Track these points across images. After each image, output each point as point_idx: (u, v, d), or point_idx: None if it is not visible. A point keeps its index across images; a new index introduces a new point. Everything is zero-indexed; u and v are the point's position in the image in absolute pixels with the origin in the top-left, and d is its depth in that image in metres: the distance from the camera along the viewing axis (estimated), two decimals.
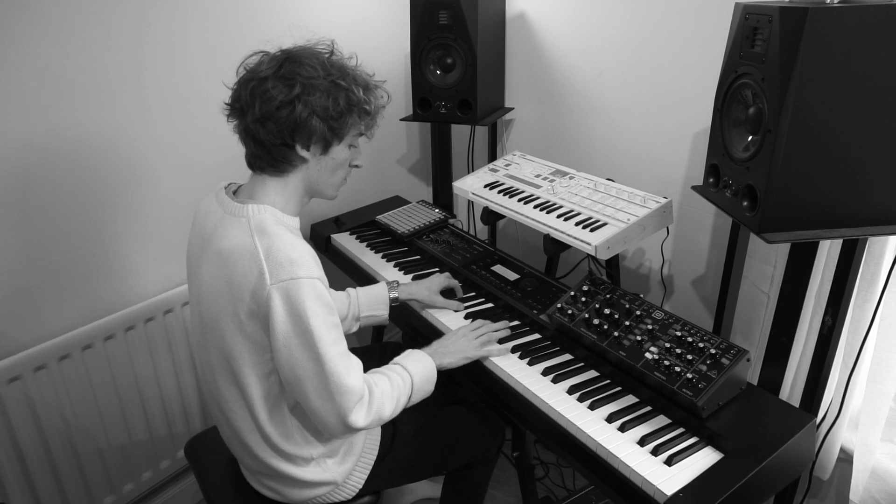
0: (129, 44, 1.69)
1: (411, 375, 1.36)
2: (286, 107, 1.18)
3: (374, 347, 1.99)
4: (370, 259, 2.00)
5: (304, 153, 1.24)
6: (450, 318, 1.68)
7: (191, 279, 1.36)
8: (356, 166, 1.35)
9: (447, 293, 1.76)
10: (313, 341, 1.17)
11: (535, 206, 1.84)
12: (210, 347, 1.28)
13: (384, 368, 1.37)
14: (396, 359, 1.41)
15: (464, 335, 1.52)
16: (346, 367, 1.21)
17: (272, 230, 1.20)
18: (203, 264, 1.26)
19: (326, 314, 1.19)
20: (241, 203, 1.25)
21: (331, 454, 1.37)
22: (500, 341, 1.56)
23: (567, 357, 1.53)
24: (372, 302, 1.65)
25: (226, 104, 1.26)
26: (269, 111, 1.18)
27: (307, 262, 1.18)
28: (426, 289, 1.71)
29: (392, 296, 1.68)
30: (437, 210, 2.21)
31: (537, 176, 2.01)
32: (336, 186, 1.35)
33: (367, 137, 1.35)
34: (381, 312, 1.66)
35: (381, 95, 1.31)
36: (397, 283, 1.73)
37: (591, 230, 1.67)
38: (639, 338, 1.41)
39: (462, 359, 1.48)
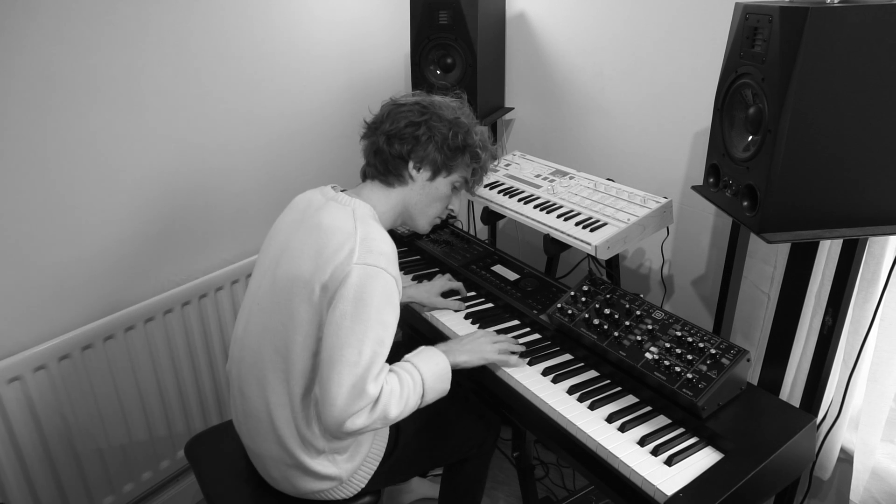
0: (124, 44, 1.69)
1: (422, 374, 1.33)
2: (411, 126, 1.37)
3: None
4: None
5: (413, 172, 1.40)
6: (451, 320, 1.68)
7: (269, 252, 1.40)
8: (451, 210, 1.48)
9: (449, 294, 1.76)
10: (363, 329, 1.20)
11: (535, 206, 1.84)
12: (270, 310, 1.32)
13: (395, 366, 1.36)
14: (408, 356, 1.39)
15: (483, 335, 1.51)
16: (377, 373, 1.23)
17: (373, 223, 1.32)
18: (296, 236, 1.34)
19: (390, 312, 1.25)
20: (348, 196, 1.38)
21: (340, 451, 1.38)
22: None
23: (567, 357, 1.53)
24: None
25: (366, 123, 1.45)
26: (396, 128, 1.38)
27: (393, 261, 1.27)
28: (426, 291, 1.72)
29: None
30: None
31: (537, 176, 2.01)
32: (430, 219, 1.49)
33: (468, 192, 1.53)
34: None
35: (493, 153, 1.50)
36: None
37: (591, 230, 1.67)
38: (639, 338, 1.41)
39: (480, 359, 1.46)
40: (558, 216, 1.77)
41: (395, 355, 1.42)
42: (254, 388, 1.36)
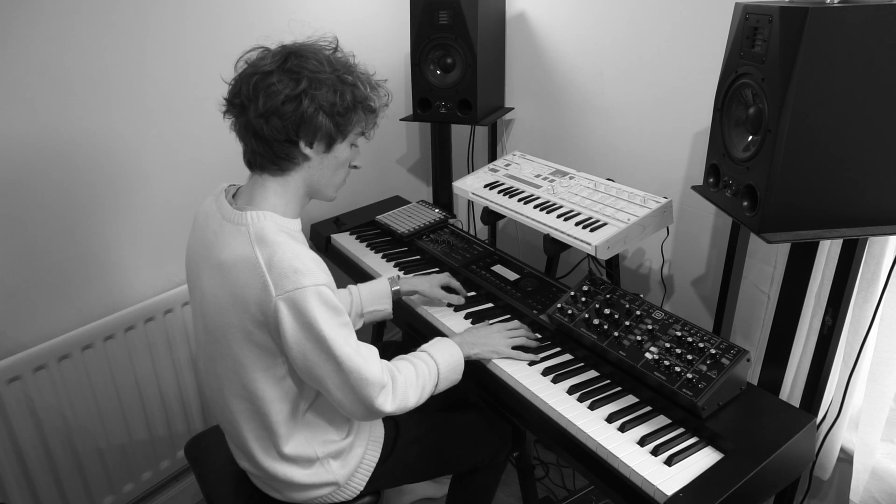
0: (127, 42, 1.69)
1: (437, 364, 1.36)
2: (292, 101, 1.15)
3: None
4: (370, 259, 2.00)
5: (307, 150, 1.21)
6: (450, 320, 1.68)
7: (192, 285, 1.35)
8: (355, 167, 1.33)
9: (448, 291, 1.76)
10: (327, 346, 1.17)
11: (535, 206, 1.84)
12: (217, 358, 1.27)
13: (410, 356, 1.37)
14: (424, 346, 1.41)
15: (498, 330, 1.52)
16: (364, 359, 1.22)
17: (273, 238, 1.17)
18: (204, 273, 1.25)
19: (335, 317, 1.18)
20: (239, 210, 1.22)
21: (335, 456, 1.37)
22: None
23: (567, 357, 1.53)
24: (374, 297, 1.64)
25: (224, 100, 1.23)
26: (273, 106, 1.15)
27: (311, 269, 1.16)
28: (427, 282, 1.70)
29: (394, 289, 1.67)
30: (437, 210, 2.21)
31: (537, 176, 2.01)
32: (336, 187, 1.32)
33: (367, 138, 1.33)
34: (384, 306, 1.65)
35: (384, 94, 1.30)
36: (399, 276, 1.73)
37: (591, 230, 1.67)
38: (639, 338, 1.41)
39: (490, 352, 1.48)
40: (558, 216, 1.77)
41: (395, 354, 1.42)
42: (228, 428, 1.37)
